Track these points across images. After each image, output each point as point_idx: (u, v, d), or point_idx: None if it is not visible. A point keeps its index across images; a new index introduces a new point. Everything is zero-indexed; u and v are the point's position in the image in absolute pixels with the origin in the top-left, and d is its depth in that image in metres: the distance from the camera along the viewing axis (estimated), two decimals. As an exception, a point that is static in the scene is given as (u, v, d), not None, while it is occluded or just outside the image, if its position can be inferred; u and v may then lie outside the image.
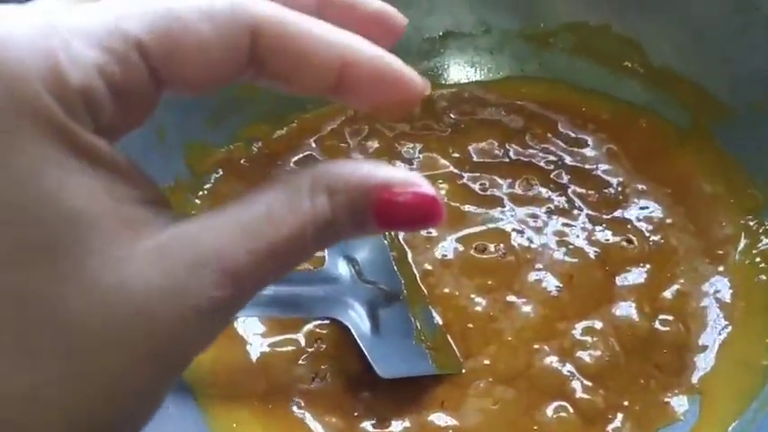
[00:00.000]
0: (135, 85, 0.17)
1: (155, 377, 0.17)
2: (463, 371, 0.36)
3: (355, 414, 0.34)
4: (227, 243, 0.17)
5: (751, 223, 0.41)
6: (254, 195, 0.18)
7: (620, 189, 0.43)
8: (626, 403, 0.35)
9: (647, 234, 0.41)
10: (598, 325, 0.37)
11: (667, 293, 0.39)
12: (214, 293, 0.17)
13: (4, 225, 0.15)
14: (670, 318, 0.38)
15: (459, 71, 0.49)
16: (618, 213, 0.42)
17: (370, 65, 0.19)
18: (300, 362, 0.36)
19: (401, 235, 0.40)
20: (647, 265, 0.40)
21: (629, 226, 0.41)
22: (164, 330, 0.17)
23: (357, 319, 0.35)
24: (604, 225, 0.41)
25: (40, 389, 0.16)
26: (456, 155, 0.45)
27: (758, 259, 0.40)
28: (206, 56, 0.17)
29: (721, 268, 0.40)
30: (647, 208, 0.42)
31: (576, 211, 0.42)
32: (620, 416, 0.35)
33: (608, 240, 0.40)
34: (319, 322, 0.37)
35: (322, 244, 0.19)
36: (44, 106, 0.15)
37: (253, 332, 0.36)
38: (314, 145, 0.45)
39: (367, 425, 0.34)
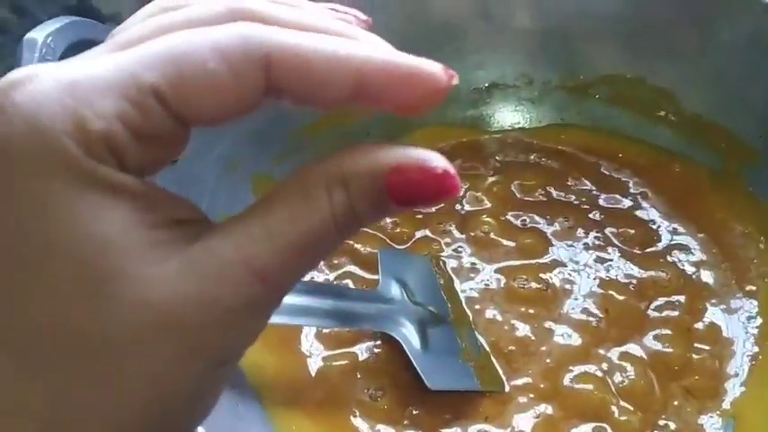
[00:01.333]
0: (156, 126, 0.18)
1: (198, 373, 0.18)
2: (506, 389, 0.38)
3: (405, 423, 0.37)
4: (252, 246, 0.18)
5: (780, 260, 0.43)
6: (272, 198, 0.19)
7: (654, 228, 0.46)
8: (661, 423, 0.37)
9: (681, 268, 0.43)
10: (633, 352, 0.40)
11: (699, 324, 0.41)
12: (244, 293, 0.18)
13: (46, 262, 0.17)
14: (703, 347, 0.40)
15: (504, 119, 0.53)
16: (652, 249, 0.45)
17: (385, 71, 0.19)
18: (356, 375, 0.39)
19: (448, 264, 0.44)
20: (681, 298, 0.42)
21: (662, 260, 0.44)
22: (201, 334, 0.18)
23: (408, 335, 0.38)
24: (639, 260, 0.44)
25: (86, 405, 0.17)
26: (499, 194, 0.48)
27: (787, 293, 0.42)
28: (221, 94, 0.18)
29: (752, 302, 0.42)
30: (681, 245, 0.45)
31: (611, 248, 0.45)
32: (655, 436, 0.37)
33: (643, 274, 0.43)
34: (373, 343, 0.40)
35: (347, 232, 0.19)
36: (71, 155, 0.17)
37: (313, 347, 0.40)
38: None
39: (416, 435, 0.37)
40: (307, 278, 0.42)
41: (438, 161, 0.19)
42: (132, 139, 0.17)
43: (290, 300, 0.35)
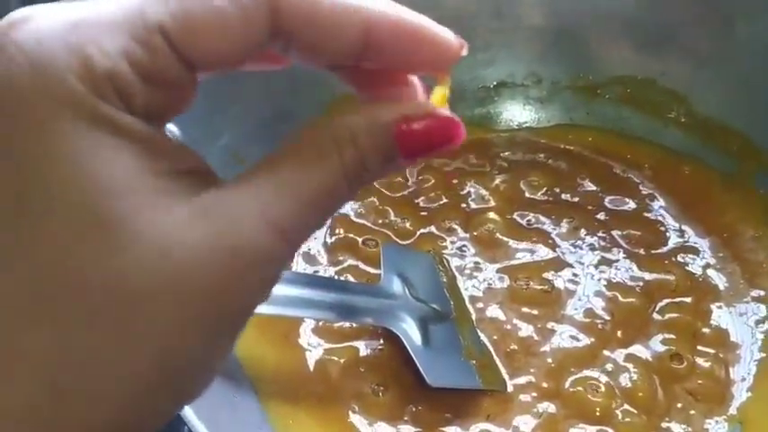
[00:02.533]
0: (163, 67, 0.17)
1: (215, 336, 0.18)
2: (509, 390, 0.38)
3: (405, 419, 0.36)
4: (267, 198, 0.18)
5: (791, 266, 0.43)
6: (283, 155, 0.19)
7: (662, 230, 0.45)
8: (665, 426, 0.37)
9: (688, 271, 0.43)
10: (637, 354, 0.39)
11: (706, 328, 0.40)
12: (260, 243, 0.17)
13: (51, 202, 0.16)
14: (709, 350, 0.39)
15: (512, 118, 0.52)
16: (660, 251, 0.44)
17: (397, 24, 0.19)
18: (356, 371, 0.38)
19: (452, 262, 0.43)
20: (687, 300, 0.41)
21: (670, 262, 0.43)
22: (213, 285, 0.17)
23: (409, 331, 0.38)
24: (645, 262, 0.43)
25: (97, 351, 0.16)
26: (506, 193, 0.47)
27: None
28: (228, 32, 0.18)
29: (761, 306, 0.41)
30: (689, 247, 0.44)
31: (618, 249, 0.44)
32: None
33: (649, 276, 0.42)
34: (375, 339, 0.39)
35: (357, 186, 0.19)
36: (75, 92, 0.16)
37: (312, 341, 0.39)
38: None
39: (415, 433, 0.36)
40: (309, 272, 0.42)
41: (442, 110, 0.19)
42: (139, 80, 0.17)
43: (290, 291, 0.35)
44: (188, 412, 0.28)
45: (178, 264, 0.17)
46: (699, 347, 0.39)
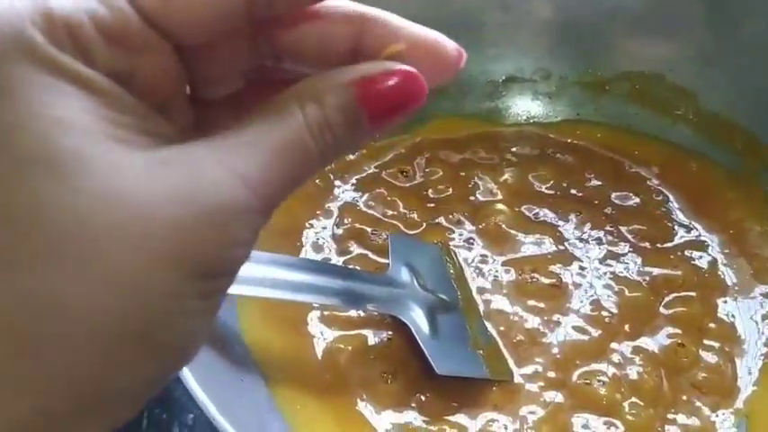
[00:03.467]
0: (128, 28, 0.17)
1: (182, 281, 0.17)
2: (516, 380, 0.38)
3: (412, 406, 0.36)
4: (228, 149, 0.18)
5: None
6: (246, 116, 0.19)
7: (669, 225, 0.45)
8: (672, 418, 0.37)
9: (695, 266, 0.43)
10: (644, 347, 0.39)
11: (712, 322, 0.41)
12: (226, 193, 0.17)
13: (4, 143, 0.16)
14: (715, 344, 0.40)
15: (520, 112, 0.52)
16: (667, 246, 0.44)
17: (394, 19, 0.19)
18: (364, 360, 0.38)
19: (459, 255, 0.43)
20: (693, 295, 0.42)
21: (676, 257, 0.43)
22: (179, 231, 0.16)
23: (417, 319, 0.38)
24: (652, 256, 0.43)
25: (61, 296, 0.16)
26: (513, 186, 0.47)
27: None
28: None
29: (766, 301, 0.42)
30: (695, 243, 0.44)
31: (625, 243, 0.44)
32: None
33: (656, 270, 0.43)
34: (383, 327, 0.39)
35: (327, 152, 0.19)
36: (33, 40, 0.16)
37: (320, 329, 0.39)
38: (376, 170, 0.48)
39: (423, 422, 0.36)
40: (317, 259, 0.42)
41: (404, 66, 0.19)
42: (101, 39, 0.17)
43: (298, 277, 0.35)
44: (199, 393, 0.28)
45: (135, 210, 0.16)
46: (705, 341, 0.40)
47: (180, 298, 0.17)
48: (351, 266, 0.42)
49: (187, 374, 0.29)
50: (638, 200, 0.47)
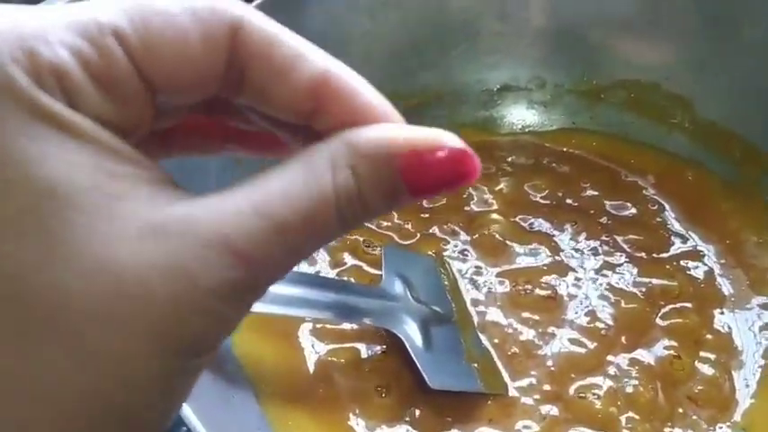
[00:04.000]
0: (116, 72, 0.16)
1: (167, 361, 0.16)
2: (510, 394, 0.37)
3: (406, 422, 0.36)
4: (234, 223, 0.16)
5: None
6: (266, 174, 0.17)
7: (665, 235, 0.45)
8: (667, 431, 0.36)
9: (691, 276, 0.42)
10: (641, 360, 0.39)
11: (709, 334, 0.40)
12: (221, 274, 0.16)
13: None
14: (712, 356, 0.39)
15: (515, 121, 0.52)
16: (663, 256, 0.44)
17: (353, 81, 0.18)
18: (356, 373, 0.38)
19: (454, 266, 0.43)
20: (690, 306, 0.41)
21: (672, 268, 0.43)
22: (167, 311, 0.15)
23: (410, 332, 0.37)
24: (648, 267, 0.43)
25: (39, 376, 0.15)
26: (508, 196, 0.47)
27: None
28: (186, 47, 0.17)
29: (765, 312, 0.41)
30: (692, 253, 0.44)
31: (620, 253, 0.44)
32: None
33: (652, 281, 0.42)
34: (377, 341, 0.39)
35: (350, 222, 0.17)
36: (17, 83, 0.15)
37: (313, 342, 0.39)
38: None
39: (417, 437, 0.36)
40: (310, 271, 0.41)
41: (456, 141, 0.17)
42: (88, 80, 0.16)
43: (291, 291, 0.35)
44: (187, 412, 0.28)
45: (122, 281, 0.15)
46: (702, 353, 0.39)
47: (164, 378, 0.16)
48: (344, 278, 0.41)
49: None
50: (633, 210, 0.46)
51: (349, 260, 0.43)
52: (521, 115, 0.52)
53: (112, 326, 0.15)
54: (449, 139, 0.17)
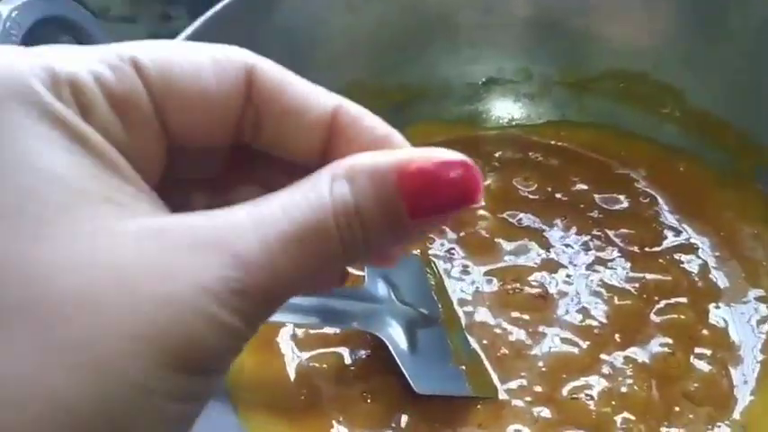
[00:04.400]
0: (131, 97, 0.17)
1: (158, 370, 0.15)
2: (500, 397, 0.36)
3: (392, 428, 0.35)
4: (233, 229, 0.16)
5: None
6: (267, 195, 0.17)
7: (658, 228, 0.44)
8: (663, 431, 0.35)
9: (686, 270, 0.41)
10: (634, 358, 0.38)
11: (705, 329, 0.39)
12: (224, 274, 0.15)
13: None
14: (708, 352, 0.38)
15: (502, 115, 0.51)
16: (656, 250, 0.42)
17: (367, 117, 0.19)
18: (340, 379, 0.36)
19: (440, 265, 0.41)
20: (685, 301, 0.40)
21: (667, 262, 0.42)
22: (158, 309, 0.15)
23: (395, 336, 0.36)
24: (641, 261, 0.42)
25: (24, 378, 0.14)
26: (496, 192, 0.46)
27: (798, 297, 0.40)
28: (202, 83, 0.17)
29: (762, 306, 0.40)
30: (686, 246, 0.43)
31: (612, 248, 0.42)
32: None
33: (646, 276, 0.41)
34: (361, 345, 0.37)
35: (349, 238, 0.17)
36: (34, 90, 0.16)
37: (293, 347, 0.37)
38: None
39: (403, 443, 0.34)
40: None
41: (458, 155, 0.17)
42: (103, 99, 0.17)
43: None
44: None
45: (118, 280, 0.15)
46: (698, 350, 0.38)
47: (153, 394, 0.15)
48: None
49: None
50: (625, 203, 0.45)
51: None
52: (507, 108, 0.51)
53: (99, 322, 0.14)
54: (449, 154, 0.17)
